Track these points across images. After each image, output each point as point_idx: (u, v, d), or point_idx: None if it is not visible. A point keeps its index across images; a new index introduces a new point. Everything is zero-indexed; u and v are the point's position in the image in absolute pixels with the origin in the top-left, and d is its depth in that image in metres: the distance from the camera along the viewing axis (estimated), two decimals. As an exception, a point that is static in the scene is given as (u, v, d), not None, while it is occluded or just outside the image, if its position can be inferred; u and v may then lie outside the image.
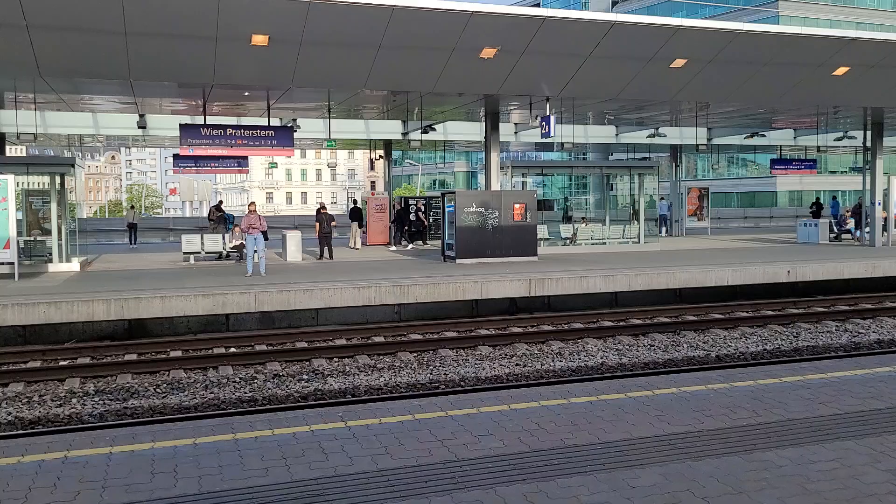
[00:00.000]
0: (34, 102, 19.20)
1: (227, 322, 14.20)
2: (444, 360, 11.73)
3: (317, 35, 14.09)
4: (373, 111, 23.55)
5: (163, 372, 10.95)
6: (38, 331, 13.09)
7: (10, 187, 16.41)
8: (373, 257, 21.91)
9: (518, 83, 16.95)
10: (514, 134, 27.88)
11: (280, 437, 5.57)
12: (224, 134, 17.75)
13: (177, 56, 14.47)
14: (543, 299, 16.21)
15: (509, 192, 21.10)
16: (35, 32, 12.95)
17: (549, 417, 6.16)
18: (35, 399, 9.67)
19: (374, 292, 14.55)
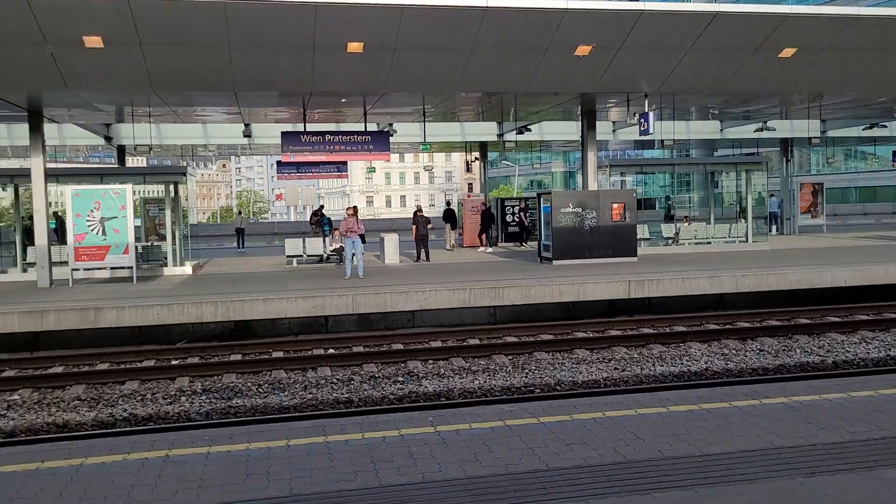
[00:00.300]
0: (149, 116, 20.31)
1: (327, 324, 14.52)
2: (539, 363, 11.55)
3: (410, 40, 14.21)
4: (468, 113, 23.58)
5: (265, 372, 11.29)
6: (153, 331, 13.78)
7: (128, 196, 17.42)
8: (469, 259, 21.91)
9: (614, 80, 16.53)
10: (612, 132, 27.27)
11: (370, 441, 5.59)
12: (322, 140, 18.21)
13: (277, 67, 14.92)
14: (644, 301, 15.73)
15: (607, 192, 20.62)
16: (148, 49, 13.65)
17: (647, 426, 5.91)
18: (148, 396, 10.16)
19: (469, 294, 14.52)
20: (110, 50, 13.50)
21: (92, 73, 14.41)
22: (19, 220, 20.32)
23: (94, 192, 17.27)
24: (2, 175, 20.50)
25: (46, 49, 13.23)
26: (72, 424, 9.01)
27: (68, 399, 10.01)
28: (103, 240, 17.06)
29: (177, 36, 13.55)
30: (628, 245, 19.49)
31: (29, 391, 10.41)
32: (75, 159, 35.95)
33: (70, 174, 21.32)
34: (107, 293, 15.22)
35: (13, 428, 8.93)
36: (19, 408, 9.67)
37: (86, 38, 13.17)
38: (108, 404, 9.81)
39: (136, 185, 20.28)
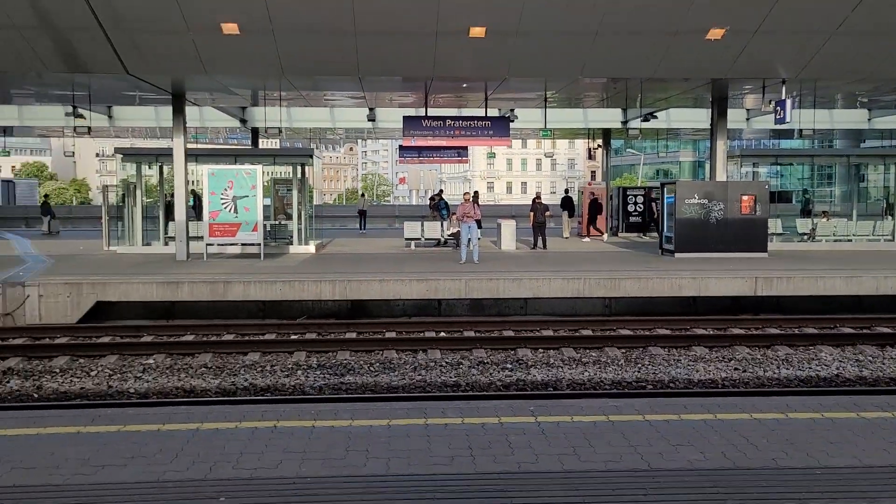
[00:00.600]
0: (280, 100, 21.18)
1: (440, 307, 14.70)
2: (653, 358, 11.18)
3: (532, 24, 14.01)
4: (591, 99, 23.06)
5: (377, 352, 11.56)
6: (275, 306, 14.45)
7: (258, 176, 18.28)
8: (587, 248, 21.52)
9: (749, 65, 15.63)
10: (746, 120, 25.86)
11: (469, 426, 5.60)
12: (443, 125, 18.35)
13: (400, 52, 15.15)
14: (772, 300, 14.91)
15: (736, 183, 19.64)
16: (280, 36, 14.22)
17: (761, 432, 5.59)
18: (267, 368, 10.65)
19: (583, 284, 14.27)
20: (245, 36, 14.16)
21: (228, 58, 15.16)
22: (162, 197, 21.79)
23: (227, 172, 18.24)
24: (148, 154, 22.03)
25: (188, 36, 14.04)
26: (197, 390, 9.60)
27: (196, 366, 10.66)
28: (235, 217, 18.01)
29: (306, 23, 14.01)
30: (758, 240, 18.50)
31: (163, 356, 11.17)
32: (216, 141, 38.17)
33: (207, 154, 22.63)
34: (236, 268, 16.08)
35: (147, 390, 9.62)
36: (153, 371, 10.39)
37: (223, 26, 13.86)
38: (231, 373, 10.36)
39: (266, 166, 21.25)
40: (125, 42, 14.24)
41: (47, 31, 14.00)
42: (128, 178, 21.93)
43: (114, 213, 21.74)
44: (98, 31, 13.80)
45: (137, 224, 20.88)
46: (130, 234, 21.04)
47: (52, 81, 17.60)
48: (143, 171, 21.51)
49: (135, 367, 10.59)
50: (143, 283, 13.85)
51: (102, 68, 15.20)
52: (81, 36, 14.14)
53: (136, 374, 10.27)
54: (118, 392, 9.51)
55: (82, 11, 13.26)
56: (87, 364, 10.77)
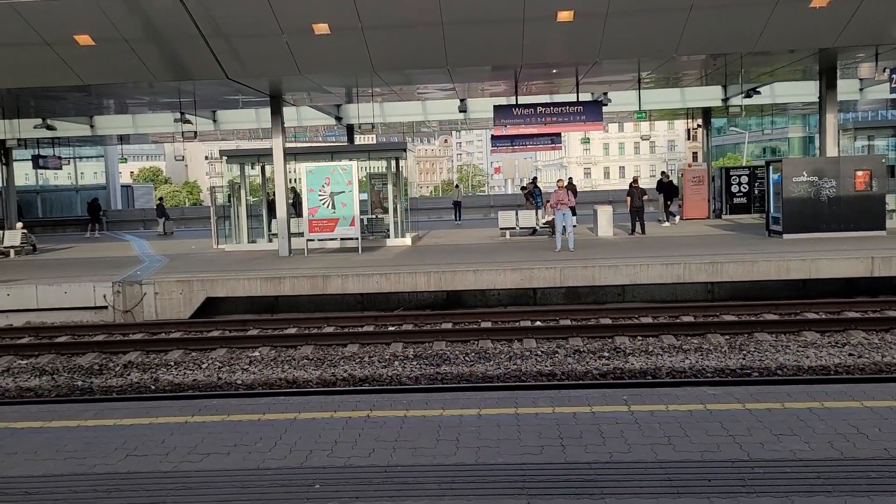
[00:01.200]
0: (372, 96, 21.56)
1: (535, 296, 14.60)
2: (759, 344, 10.72)
3: (622, 4, 13.65)
4: (689, 77, 22.26)
5: (472, 342, 11.61)
6: (373, 298, 14.76)
7: (354, 172, 18.70)
8: (688, 232, 20.84)
9: (860, 31, 14.66)
10: (859, 91, 24.30)
11: (559, 416, 5.55)
12: (534, 112, 18.19)
13: (488, 40, 15.10)
14: (891, 281, 13.98)
15: (849, 158, 18.51)
16: (369, 33, 14.47)
17: (873, 421, 5.27)
18: (366, 359, 10.90)
19: (683, 269, 13.83)
20: (336, 35, 14.50)
21: (320, 57, 15.57)
22: (265, 196, 22.65)
23: (324, 169, 18.75)
24: (250, 155, 22.93)
25: (281, 38, 14.51)
26: (299, 381, 9.94)
27: (298, 358, 11.04)
28: (333, 213, 18.50)
29: (394, 17, 14.20)
30: (875, 217, 17.40)
31: (267, 349, 11.63)
32: (314, 139, 39.28)
33: (305, 153, 23.32)
34: (335, 262, 16.52)
35: (253, 381, 10.04)
36: (259, 363, 10.84)
37: (315, 26, 14.25)
38: (331, 364, 10.67)
39: (362, 161, 21.70)
40: (224, 48, 14.87)
41: (153, 42, 14.81)
42: (233, 179, 22.92)
43: (221, 213, 22.78)
44: (199, 40, 14.48)
45: (243, 222, 21.81)
46: (237, 233, 21.99)
47: (161, 90, 18.62)
48: (246, 171, 22.42)
49: (242, 359, 11.08)
50: (249, 279, 14.45)
51: (204, 74, 15.96)
52: (184, 45, 14.89)
53: (243, 366, 10.74)
54: (227, 383, 9.97)
55: (183, 21, 13.95)
56: (199, 357, 11.35)
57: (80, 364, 11.10)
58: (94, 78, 16.19)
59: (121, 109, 24.95)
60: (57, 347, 11.88)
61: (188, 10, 13.74)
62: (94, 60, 15.35)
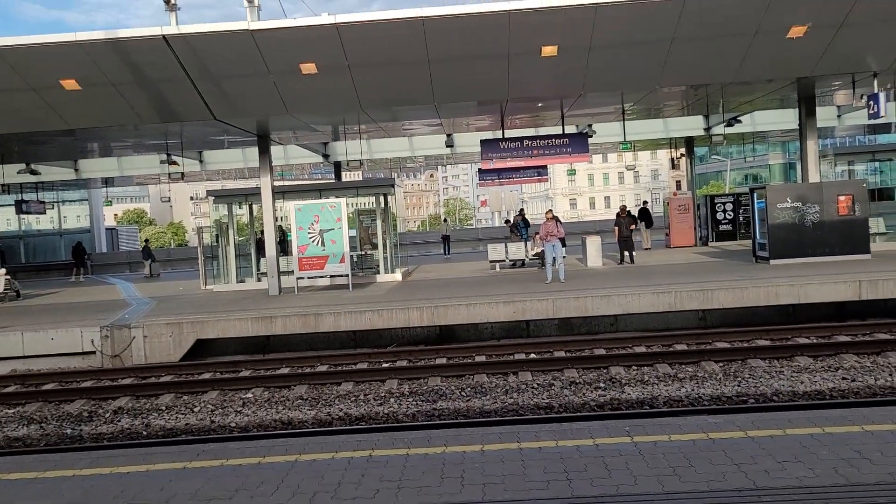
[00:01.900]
0: (359, 133, 21.70)
1: (528, 328, 14.59)
2: (753, 371, 10.74)
3: (605, 38, 13.92)
4: (671, 108, 22.60)
5: (468, 376, 11.56)
6: (366, 335, 14.69)
7: (343, 209, 18.74)
8: (676, 260, 20.98)
9: (836, 60, 14.99)
10: (837, 117, 24.75)
11: (563, 449, 5.51)
12: (521, 145, 18.37)
13: (473, 76, 15.28)
14: (879, 303, 14.11)
15: (831, 184, 18.79)
16: (356, 71, 14.62)
17: (875, 445, 5.27)
18: (361, 397, 10.81)
19: (674, 297, 13.89)
20: (323, 74, 14.63)
21: (309, 96, 15.68)
22: (253, 235, 22.61)
23: (313, 207, 18.77)
24: (237, 195, 22.93)
25: (269, 79, 14.63)
26: (295, 422, 9.83)
27: (293, 398, 10.93)
28: (322, 250, 18.48)
29: (381, 56, 14.37)
30: (859, 241, 17.61)
31: (260, 390, 11.52)
32: (301, 177, 39.38)
33: (293, 191, 23.35)
34: (326, 299, 16.45)
35: (247, 424, 9.92)
36: (252, 405, 10.72)
37: (302, 66, 14.38)
38: (326, 404, 10.56)
39: (350, 198, 21.76)
40: (211, 89, 14.96)
41: (140, 85, 14.88)
42: (220, 219, 22.89)
43: (209, 254, 22.68)
44: (186, 82, 14.57)
45: (231, 262, 21.73)
46: (225, 273, 21.89)
47: (147, 132, 18.64)
48: (233, 211, 22.41)
49: (235, 401, 10.95)
50: (239, 319, 14.35)
51: (192, 116, 16.02)
52: (171, 87, 14.96)
53: (237, 408, 10.61)
54: (220, 427, 9.84)
55: (170, 64, 14.05)
56: (191, 400, 11.22)
57: (68, 411, 10.93)
58: (79, 122, 16.20)
59: (105, 152, 24.92)
60: (44, 395, 11.70)
61: (175, 53, 13.85)
62: (80, 104, 15.38)
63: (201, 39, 13.77)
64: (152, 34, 13.58)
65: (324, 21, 13.60)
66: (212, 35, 13.80)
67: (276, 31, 13.79)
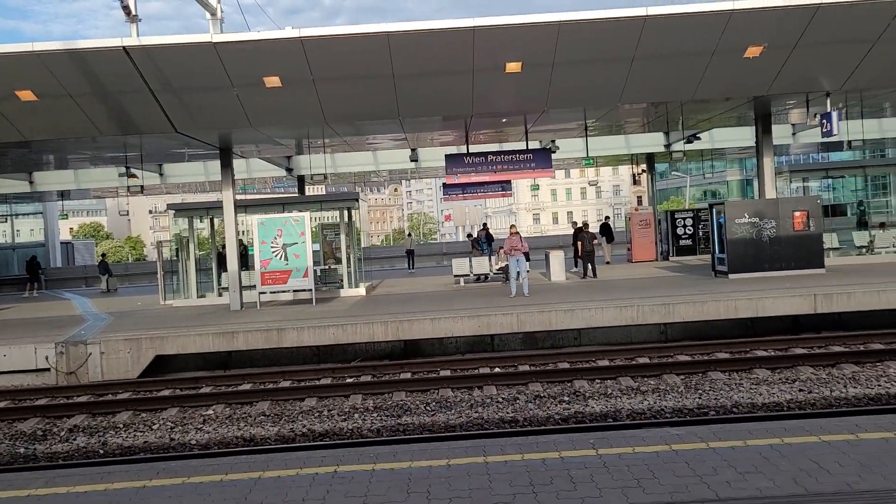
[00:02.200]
0: (323, 147, 21.61)
1: (493, 342, 14.62)
2: (714, 383, 10.91)
3: (568, 55, 14.11)
4: (633, 125, 22.96)
5: (432, 391, 11.53)
6: (330, 350, 14.56)
7: (306, 223, 18.60)
8: (638, 274, 21.24)
9: (790, 80, 15.42)
10: (792, 135, 25.40)
11: (529, 463, 5.53)
12: (485, 160, 18.48)
13: (438, 91, 15.36)
14: (833, 317, 14.45)
15: (787, 200, 19.24)
16: (320, 85, 14.58)
17: (832, 455, 5.39)
18: (325, 413, 10.70)
19: (636, 311, 14.05)
20: (287, 88, 14.57)
21: (272, 110, 15.59)
22: (214, 249, 22.31)
23: (276, 221, 18.60)
24: (199, 208, 22.62)
25: (232, 92, 14.51)
26: (257, 438, 9.69)
27: (255, 414, 10.77)
28: (286, 265, 18.31)
29: (345, 70, 14.36)
30: (814, 255, 18.05)
31: (222, 406, 11.33)
32: (263, 191, 39.04)
33: (256, 205, 23.14)
34: (289, 314, 16.29)
35: (208, 441, 9.75)
36: (213, 422, 10.53)
37: (266, 79, 14.30)
38: (290, 420, 10.44)
39: (314, 212, 21.61)
40: (173, 102, 14.78)
41: (99, 97, 14.63)
42: (180, 233, 22.54)
43: (168, 268, 22.31)
44: (147, 94, 14.38)
45: (191, 277, 21.39)
46: (185, 288, 21.54)
47: (106, 144, 18.31)
48: (194, 224, 22.09)
49: (195, 418, 10.76)
50: (200, 334, 14.12)
51: (152, 128, 15.79)
52: (131, 99, 14.74)
53: (197, 425, 10.42)
54: (180, 444, 9.65)
55: (131, 76, 13.85)
56: (150, 418, 10.99)
57: (22, 430, 10.62)
58: (35, 134, 15.86)
59: (62, 164, 24.41)
60: (-3, 413, 11.36)
61: (136, 64, 13.67)
62: (37, 116, 15.08)
63: (163, 51, 13.61)
64: (112, 45, 13.39)
65: (288, 35, 13.55)
66: (174, 47, 13.65)
67: (240, 44, 13.70)
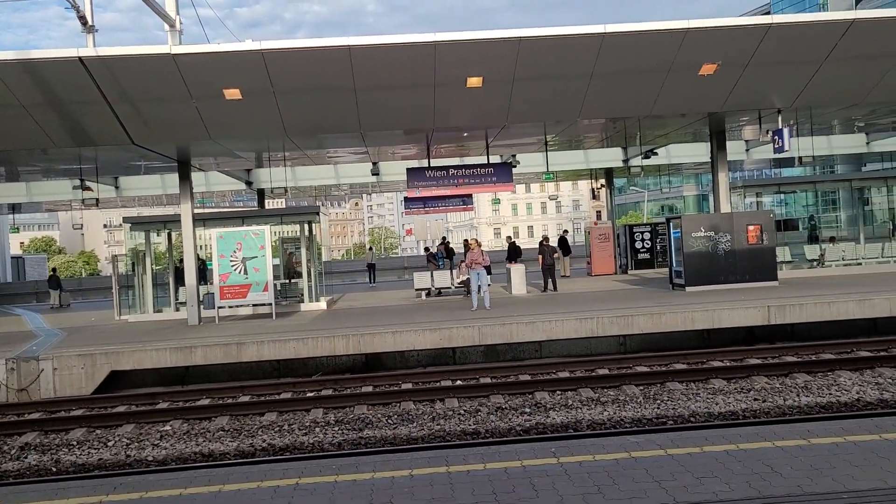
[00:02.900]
0: (283, 160, 21.49)
1: (454, 355, 14.65)
2: (671, 393, 11.09)
3: (528, 71, 14.30)
4: (592, 140, 23.32)
5: (394, 404, 11.50)
6: (290, 364, 14.43)
7: (266, 237, 18.46)
8: (598, 287, 21.50)
9: (744, 97, 15.85)
10: (746, 151, 26.07)
11: (491, 472, 5.56)
12: (446, 174, 18.57)
13: (400, 105, 15.43)
14: (786, 328, 14.82)
15: (741, 214, 19.71)
16: (281, 97, 14.53)
17: (784, 460, 5.53)
18: (285, 427, 10.59)
19: (596, 323, 14.23)
20: (248, 100, 14.48)
21: (232, 122, 15.47)
22: (171, 263, 21.98)
23: (236, 234, 18.43)
24: (156, 222, 22.30)
25: (191, 103, 14.37)
26: (216, 454, 9.54)
27: (213, 430, 10.61)
28: (245, 279, 18.12)
29: (306, 83, 14.35)
30: (767, 268, 18.51)
31: (179, 422, 11.14)
32: (222, 204, 38.59)
33: (215, 218, 22.88)
34: (248, 329, 16.11)
35: (165, 457, 9.57)
36: (170, 438, 10.35)
37: (226, 91, 14.19)
38: (249, 435, 10.31)
39: (274, 225, 21.46)
40: (130, 113, 14.58)
41: (53, 107, 14.36)
42: (136, 247, 22.16)
43: (124, 283, 21.89)
44: (103, 105, 14.15)
45: (148, 292, 21.04)
46: (141, 302, 21.17)
47: (59, 156, 17.93)
48: (151, 238, 21.75)
49: (152, 434, 10.57)
50: (157, 349, 13.89)
51: (108, 140, 15.53)
52: (87, 110, 14.50)
53: (154, 441, 10.23)
54: (136, 461, 9.46)
55: (87, 87, 13.63)
56: (104, 434, 10.75)
57: (-29, 448, 10.30)
58: (-14, 145, 15.50)
59: (13, 177, 23.80)
60: (-56, 431, 11.00)
61: (92, 75, 13.46)
62: (-12, 126, 14.74)
63: (121, 62, 13.44)
64: (68, 55, 13.17)
65: (249, 47, 13.50)
66: (132, 58, 13.48)
67: (200, 56, 13.60)
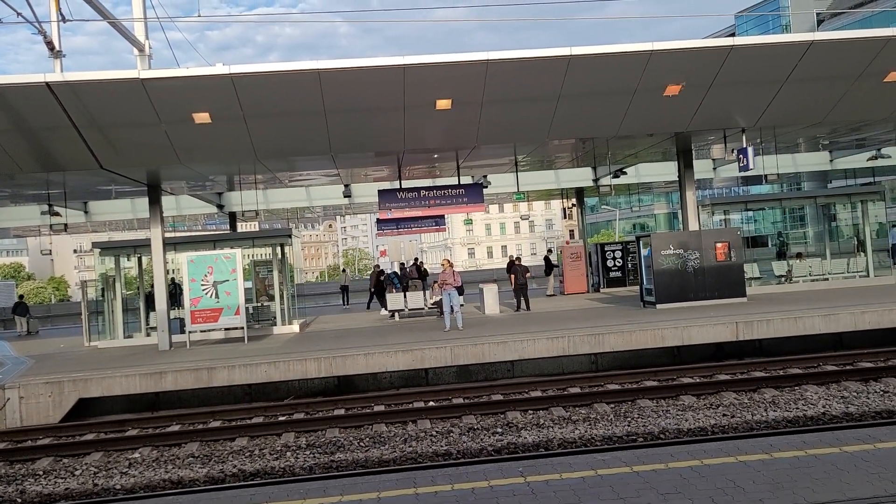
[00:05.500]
0: (255, 183, 21.45)
1: (427, 376, 14.64)
2: (642, 411, 11.19)
3: (497, 93, 14.48)
4: (562, 160, 23.57)
5: (366, 426, 11.47)
6: (262, 388, 14.33)
7: (238, 260, 18.36)
8: (569, 306, 21.64)
9: (708, 117, 16.18)
10: (713, 170, 26.53)
11: (458, 492, 5.58)
12: (418, 196, 18.66)
13: (370, 127, 15.51)
14: (754, 343, 15.04)
15: (709, 231, 20.01)
16: (251, 121, 14.55)
17: (747, 474, 5.62)
18: (256, 452, 10.50)
19: (568, 342, 14.33)
20: (217, 124, 14.47)
21: (202, 146, 15.43)
22: (142, 288, 21.74)
23: (207, 258, 18.30)
24: (125, 246, 22.07)
25: (160, 128, 14.33)
26: (185, 481, 9.43)
27: (183, 456, 10.49)
28: (216, 302, 17.98)
29: (276, 106, 14.38)
30: (735, 285, 18.78)
31: (148, 449, 11.00)
32: (194, 228, 38.32)
33: (185, 242, 22.70)
34: (220, 353, 15.97)
35: (133, 485, 9.43)
36: (139, 465, 10.21)
37: (195, 115, 14.18)
38: (220, 461, 10.20)
39: (246, 248, 21.36)
40: (98, 138, 14.50)
41: (21, 133, 14.23)
42: (106, 272, 21.89)
43: (93, 308, 21.60)
44: (71, 130, 14.07)
45: (118, 317, 20.78)
46: (111, 328, 20.89)
47: (27, 182, 17.74)
48: (121, 263, 21.53)
49: (120, 462, 10.42)
50: (126, 375, 13.71)
51: (76, 165, 15.41)
52: (55, 135, 14.39)
53: (122, 469, 10.08)
54: (104, 489, 9.32)
55: (55, 112, 13.54)
56: (72, 463, 10.59)
57: (-68, 480, 10.07)
58: (-49, 170, 15.29)
59: (-21, 203, 23.49)
60: None
61: (60, 101, 13.38)
62: (-47, 152, 14.55)
63: (88, 87, 13.38)
64: (35, 81, 13.09)
65: (218, 71, 13.52)
66: (100, 83, 13.42)
67: (169, 81, 13.59)
